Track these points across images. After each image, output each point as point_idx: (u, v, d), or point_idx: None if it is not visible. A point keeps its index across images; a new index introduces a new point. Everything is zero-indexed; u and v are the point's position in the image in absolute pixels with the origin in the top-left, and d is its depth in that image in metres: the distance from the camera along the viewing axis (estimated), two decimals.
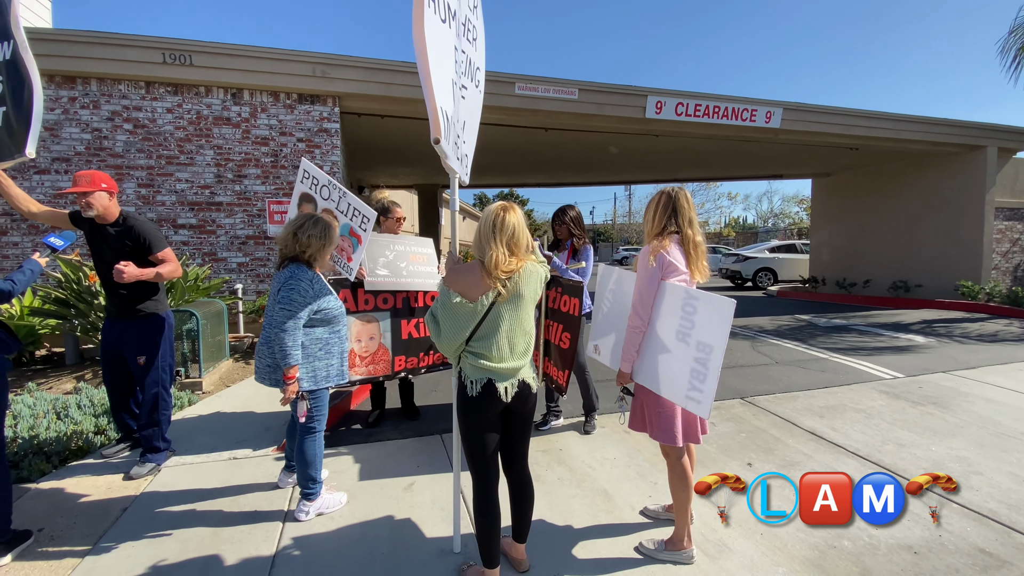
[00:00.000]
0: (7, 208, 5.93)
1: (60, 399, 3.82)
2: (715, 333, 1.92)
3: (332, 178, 3.01)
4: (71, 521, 2.55)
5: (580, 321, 2.76)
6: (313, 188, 3.16)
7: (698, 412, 1.98)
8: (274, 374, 2.42)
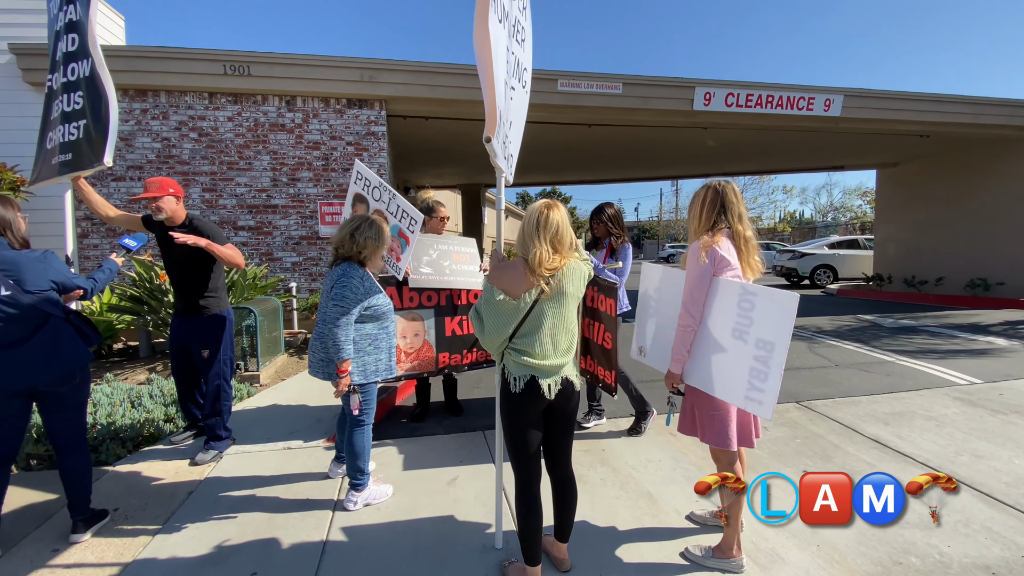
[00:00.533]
0: (87, 213, 6.47)
1: (134, 389, 4.13)
2: (777, 329, 1.84)
3: (383, 180, 3.10)
4: (143, 502, 2.75)
5: (617, 321, 2.71)
6: (366, 189, 3.26)
7: (760, 413, 1.90)
8: (327, 368, 2.53)
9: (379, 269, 2.73)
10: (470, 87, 7.11)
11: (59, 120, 3.07)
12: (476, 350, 3.82)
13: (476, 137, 8.43)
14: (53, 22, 3.28)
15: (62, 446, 2.39)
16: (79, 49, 3.00)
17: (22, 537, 2.41)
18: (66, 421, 2.39)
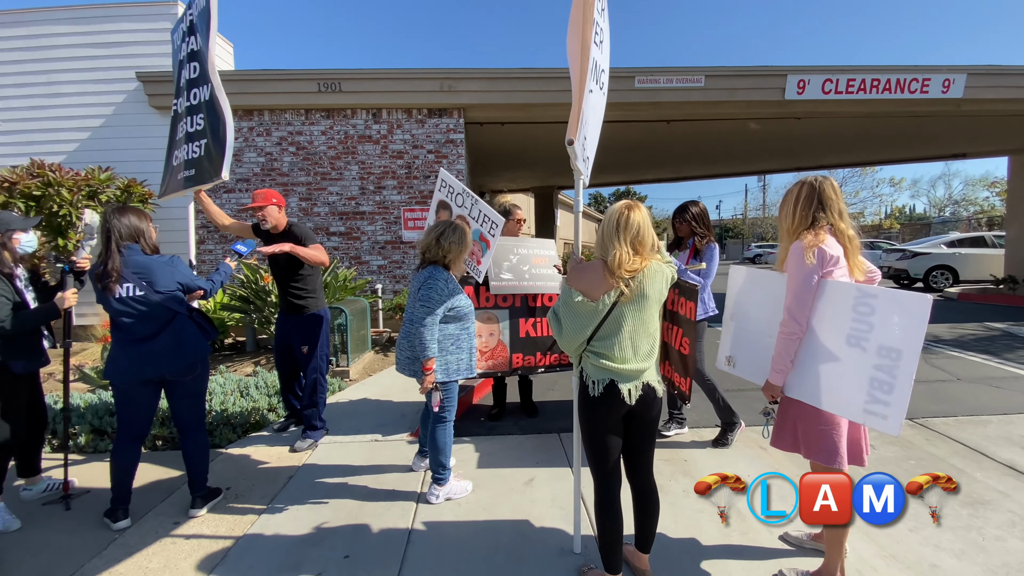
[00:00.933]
0: (204, 221, 7.28)
1: (243, 380, 4.58)
2: (905, 335, 1.67)
3: (466, 187, 3.20)
4: (251, 483, 3.04)
5: (697, 326, 2.58)
6: (449, 196, 3.38)
7: (884, 428, 1.72)
8: (412, 365, 2.65)
9: (462, 272, 2.82)
10: (545, 90, 7.15)
11: (183, 140, 3.49)
12: (551, 353, 3.82)
13: (550, 140, 8.46)
14: (177, 52, 3.73)
15: (184, 429, 2.70)
16: (200, 76, 3.39)
17: (149, 509, 2.75)
18: (188, 407, 2.70)
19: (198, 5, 3.28)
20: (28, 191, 4.64)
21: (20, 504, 2.78)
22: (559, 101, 7.19)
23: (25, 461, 2.88)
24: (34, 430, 2.87)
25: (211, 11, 3.14)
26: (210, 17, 3.14)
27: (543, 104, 7.19)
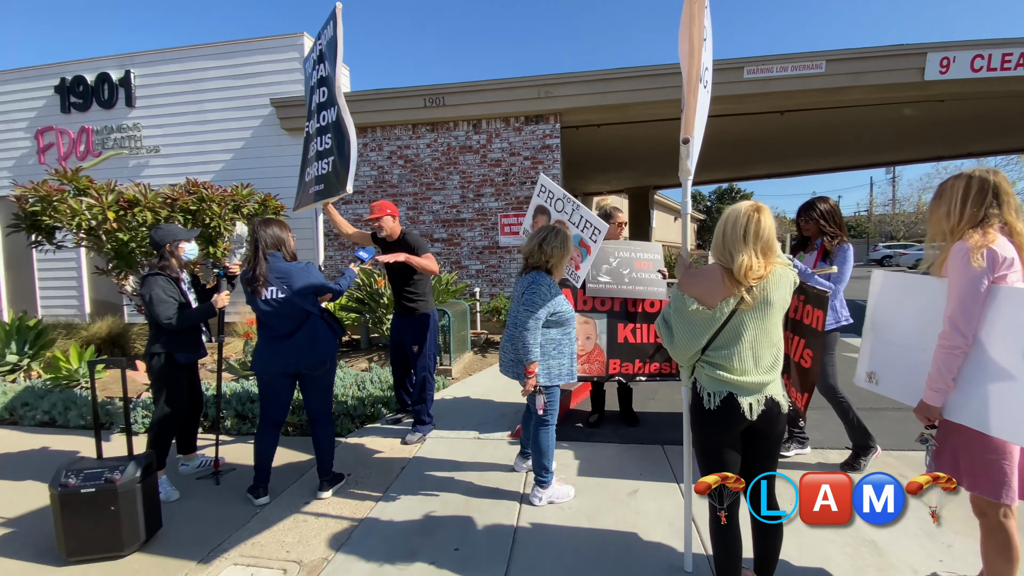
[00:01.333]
0: (328, 230, 8.02)
1: (359, 375, 4.98)
2: None
3: (567, 192, 3.21)
4: (368, 471, 3.28)
5: (827, 338, 2.33)
6: (548, 201, 3.41)
7: None
8: (516, 368, 2.71)
9: (561, 276, 2.82)
10: (643, 89, 6.96)
11: (314, 158, 3.88)
12: (651, 363, 3.69)
13: (647, 139, 8.21)
14: (308, 79, 4.16)
15: (314, 419, 2.99)
16: (328, 99, 3.75)
17: (283, 489, 3.07)
18: (318, 399, 2.99)
19: (326, 35, 3.64)
20: (186, 206, 5.43)
21: (178, 477, 3.25)
22: (659, 99, 6.97)
23: (184, 440, 3.35)
24: (192, 413, 3.33)
25: (338, 40, 3.46)
26: (337, 46, 3.46)
27: (642, 103, 7.00)
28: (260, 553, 2.42)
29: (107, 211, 4.99)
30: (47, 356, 5.36)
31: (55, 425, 4.37)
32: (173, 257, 3.05)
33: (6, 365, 5.32)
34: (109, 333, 6.44)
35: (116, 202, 5.08)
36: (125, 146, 8.97)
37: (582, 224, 3.10)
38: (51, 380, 5.01)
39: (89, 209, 4.98)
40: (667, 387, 4.70)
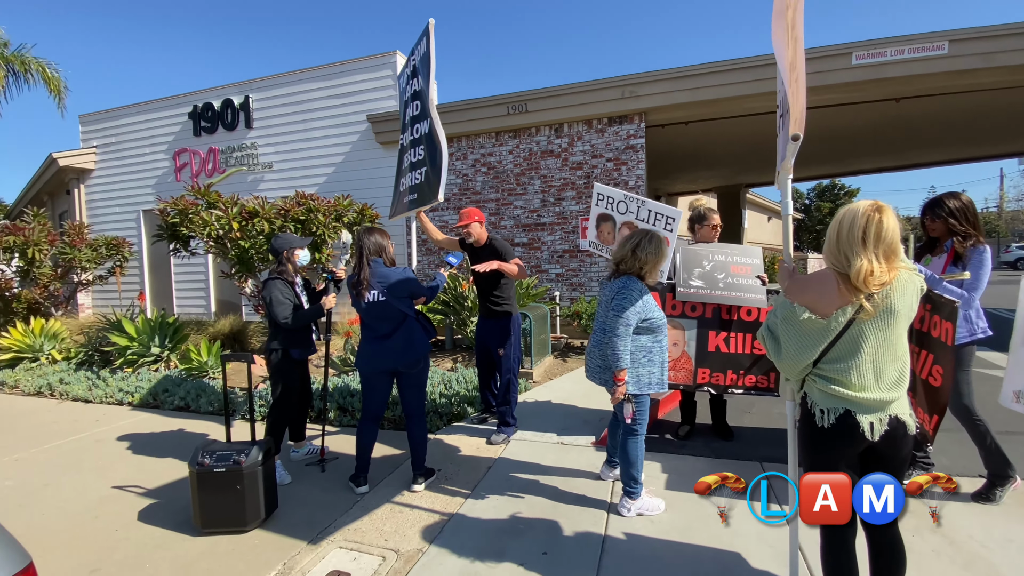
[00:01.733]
0: (419, 236, 8.44)
1: (445, 375, 5.18)
2: None
3: (627, 192, 3.14)
4: (456, 468, 3.40)
5: (961, 352, 2.04)
6: (609, 207, 3.35)
7: None
8: (603, 374, 2.67)
9: (654, 281, 2.74)
10: (736, 83, 6.59)
11: (408, 169, 4.10)
12: (746, 375, 3.47)
13: (740, 135, 7.77)
14: (402, 94, 4.40)
15: (410, 415, 3.15)
16: (420, 112, 3.95)
17: (380, 480, 3.26)
18: (413, 396, 3.15)
19: (419, 51, 3.84)
20: (296, 216, 5.97)
21: (290, 462, 3.57)
22: (754, 92, 6.55)
23: (295, 429, 3.67)
24: (303, 404, 3.65)
25: (430, 55, 3.63)
26: (430, 60, 3.63)
27: (735, 98, 6.63)
28: (362, 539, 2.59)
29: (232, 222, 5.63)
30: (182, 349, 6.14)
31: (189, 410, 4.99)
32: (289, 263, 3.37)
33: (150, 356, 6.17)
34: (231, 330, 7.24)
35: (239, 214, 5.72)
36: (244, 163, 10.07)
37: (652, 218, 3.02)
38: (185, 370, 5.73)
39: (217, 220, 5.65)
40: (764, 401, 4.40)
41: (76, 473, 3.58)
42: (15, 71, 11.02)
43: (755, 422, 4.07)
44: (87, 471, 3.60)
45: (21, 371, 6.40)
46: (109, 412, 5.03)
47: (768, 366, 3.42)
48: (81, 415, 4.98)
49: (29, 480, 3.48)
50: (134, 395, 5.30)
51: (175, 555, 2.53)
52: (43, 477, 3.53)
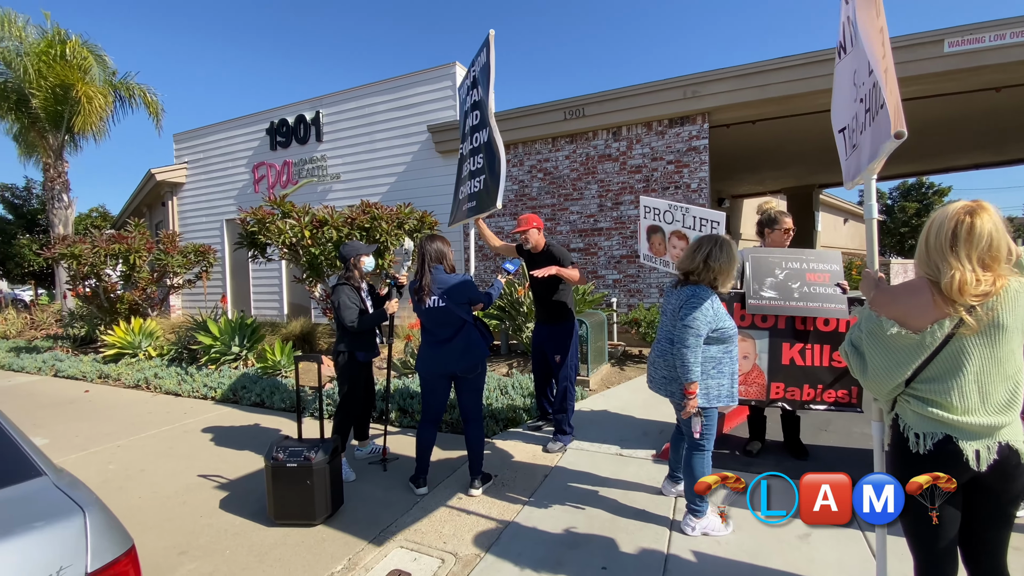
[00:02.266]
0: (477, 243, 8.58)
1: (501, 380, 5.21)
2: None
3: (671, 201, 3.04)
4: (513, 474, 3.40)
5: None
6: (657, 218, 3.24)
7: None
8: (668, 385, 2.58)
9: (726, 291, 2.62)
10: (807, 78, 6.21)
11: (467, 177, 4.18)
12: (825, 389, 3.24)
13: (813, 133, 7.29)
14: (463, 104, 4.51)
15: (467, 418, 3.19)
16: (480, 122, 4.02)
17: (439, 482, 3.32)
18: (471, 400, 3.19)
19: (479, 62, 3.91)
20: (361, 225, 6.25)
21: (354, 460, 3.71)
22: (827, 87, 6.12)
23: (359, 428, 3.82)
24: (366, 405, 3.79)
25: (490, 66, 3.70)
26: (490, 71, 3.70)
27: (807, 94, 6.24)
28: (421, 540, 2.65)
29: (304, 230, 5.98)
30: (259, 348, 6.57)
31: (264, 406, 5.33)
32: (356, 269, 3.52)
33: (231, 355, 6.65)
34: (301, 331, 7.68)
35: (310, 223, 6.07)
36: (315, 174, 10.68)
37: (698, 224, 2.90)
38: (261, 368, 6.12)
39: (291, 229, 6.02)
40: (843, 417, 4.09)
41: (168, 460, 3.91)
42: (122, 97, 12.32)
43: (833, 440, 3.79)
44: (177, 458, 3.93)
45: (123, 365, 7.10)
46: (196, 405, 5.47)
47: (852, 380, 3.18)
48: (172, 407, 5.45)
49: (129, 465, 3.85)
50: (217, 390, 5.73)
51: (251, 543, 2.70)
52: (140, 463, 3.89)
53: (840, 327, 3.23)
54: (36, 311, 12.60)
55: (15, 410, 5.50)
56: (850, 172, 2.11)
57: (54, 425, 4.95)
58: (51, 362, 7.69)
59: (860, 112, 1.87)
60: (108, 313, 8.61)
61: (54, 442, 4.45)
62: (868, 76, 1.70)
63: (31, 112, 11.20)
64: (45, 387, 6.69)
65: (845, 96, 2.13)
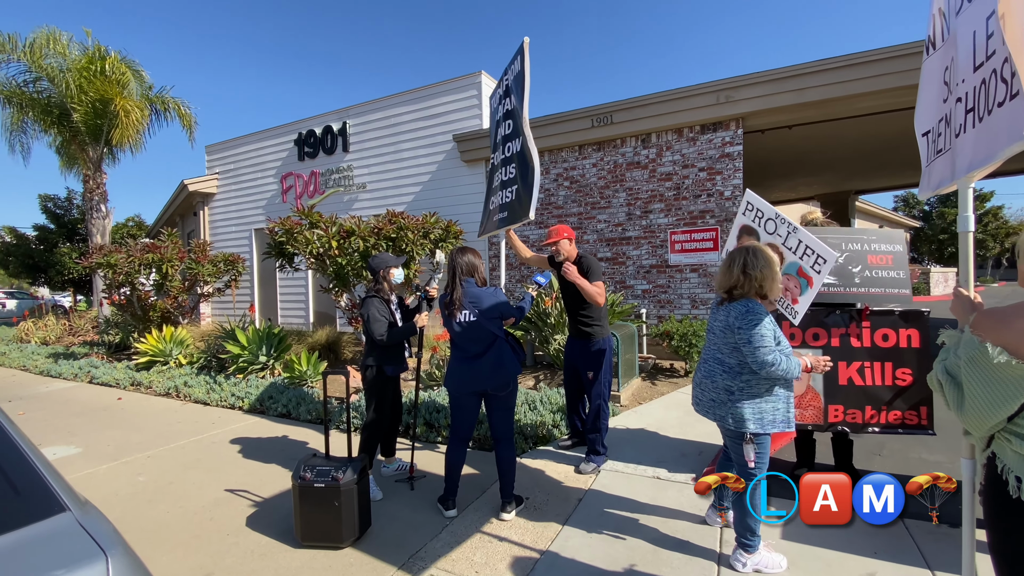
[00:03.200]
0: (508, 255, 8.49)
1: (528, 394, 5.06)
2: None
3: (780, 212, 2.78)
4: (545, 497, 3.25)
5: None
6: (757, 221, 3.00)
7: None
8: (717, 409, 2.41)
9: (776, 297, 2.44)
10: (848, 80, 5.96)
11: (499, 187, 4.09)
12: (887, 410, 3.01)
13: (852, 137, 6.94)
14: (494, 113, 4.42)
15: (498, 439, 3.07)
16: (512, 131, 3.92)
17: (469, 503, 3.19)
18: (502, 419, 3.06)
19: (513, 70, 3.82)
20: (388, 235, 6.22)
21: (381, 478, 3.62)
22: (870, 90, 5.88)
23: (387, 444, 3.73)
24: (394, 420, 3.70)
25: (525, 74, 3.59)
26: (524, 79, 3.59)
27: (845, 98, 5.98)
28: (451, 568, 2.52)
29: (331, 240, 5.98)
30: (285, 358, 6.58)
31: (290, 417, 5.30)
32: (385, 281, 3.45)
33: (258, 364, 6.68)
34: (327, 340, 7.69)
35: (337, 233, 6.06)
36: (341, 185, 10.78)
37: (800, 250, 2.63)
38: (287, 378, 6.12)
39: (319, 239, 6.02)
40: (897, 440, 3.83)
41: (196, 472, 3.89)
42: (157, 110, 12.70)
43: (888, 466, 3.52)
44: (205, 471, 3.90)
45: (155, 373, 7.21)
46: (224, 415, 5.48)
47: (917, 398, 2.95)
48: (201, 416, 5.47)
49: (159, 477, 3.83)
50: (244, 400, 5.74)
51: (277, 566, 2.61)
52: (170, 474, 3.87)
53: (901, 341, 3.01)
54: (74, 318, 13.01)
55: (52, 417, 5.61)
56: (933, 179, 1.92)
57: (88, 433, 5.00)
58: (87, 368, 7.87)
59: (957, 113, 1.67)
60: (141, 321, 8.79)
61: (87, 450, 4.49)
62: (973, 73, 1.52)
63: (72, 126, 11.62)
64: (80, 394, 6.83)
65: (932, 96, 1.93)
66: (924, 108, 2.11)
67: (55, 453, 4.46)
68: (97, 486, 3.71)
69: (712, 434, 4.04)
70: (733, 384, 2.36)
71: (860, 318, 3.08)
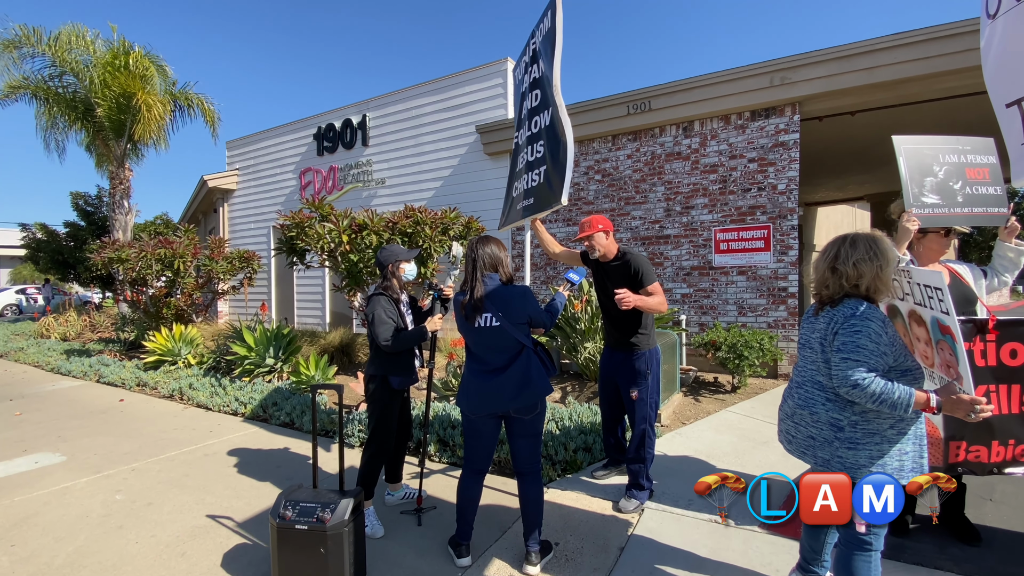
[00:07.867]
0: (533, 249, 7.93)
1: (555, 410, 4.47)
2: None
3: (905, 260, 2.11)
4: (579, 544, 2.66)
5: None
6: None
7: None
8: (817, 449, 1.79)
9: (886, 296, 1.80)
10: (930, 56, 5.19)
11: (524, 170, 3.53)
12: (1017, 444, 2.33)
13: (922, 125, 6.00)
14: (519, 85, 3.86)
15: (521, 471, 2.49)
16: (541, 103, 3.36)
17: (486, 547, 2.63)
18: (526, 446, 2.49)
19: (542, 29, 3.26)
20: (404, 229, 5.72)
21: (383, 507, 3.09)
22: (955, 68, 5.10)
23: (392, 468, 3.18)
24: (401, 440, 3.17)
25: (556, 32, 3.03)
26: (555, 38, 3.03)
27: (927, 76, 5.22)
28: None
29: (342, 234, 5.51)
30: (294, 361, 6.14)
31: (293, 426, 4.84)
32: (395, 277, 2.93)
33: (265, 367, 6.27)
34: (341, 342, 7.24)
35: (349, 226, 5.60)
36: (360, 180, 10.39)
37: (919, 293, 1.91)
38: (294, 383, 5.67)
39: (329, 233, 5.57)
40: (1011, 482, 3.12)
41: (180, 491, 3.44)
42: (181, 106, 12.59)
43: (1006, 518, 2.82)
44: (190, 490, 3.45)
45: (162, 373, 6.88)
46: (223, 422, 5.06)
47: None
48: (199, 423, 5.06)
49: (138, 496, 3.40)
50: (246, 406, 5.32)
51: None
52: (150, 493, 3.43)
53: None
54: (94, 314, 12.99)
55: (48, 419, 5.29)
56: None
57: (78, 439, 4.64)
58: (96, 367, 7.63)
59: None
60: (154, 318, 8.53)
61: (71, 460, 4.11)
62: None
63: (96, 121, 11.56)
64: (84, 393, 6.55)
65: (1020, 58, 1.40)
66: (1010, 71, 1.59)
67: (37, 462, 4.08)
68: (68, 504, 3.29)
69: (776, 465, 3.39)
70: (842, 417, 1.74)
71: (985, 330, 2.41)
